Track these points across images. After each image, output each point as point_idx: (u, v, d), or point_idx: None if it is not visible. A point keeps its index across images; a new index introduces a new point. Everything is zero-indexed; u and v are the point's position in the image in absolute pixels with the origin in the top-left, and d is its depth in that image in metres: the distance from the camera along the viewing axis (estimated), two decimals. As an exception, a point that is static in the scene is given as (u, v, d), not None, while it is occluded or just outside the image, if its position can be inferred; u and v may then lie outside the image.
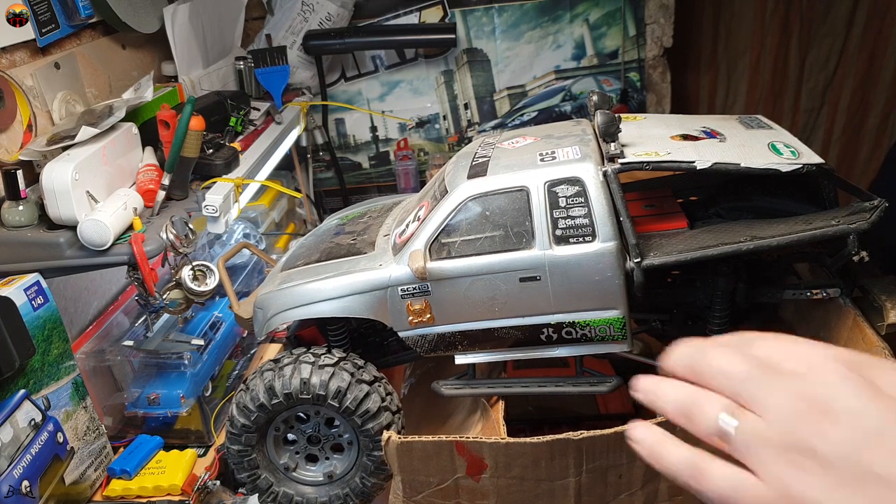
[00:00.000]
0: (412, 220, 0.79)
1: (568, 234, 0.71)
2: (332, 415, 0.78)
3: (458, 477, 0.70)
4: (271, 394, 0.76)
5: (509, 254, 0.72)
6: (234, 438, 0.80)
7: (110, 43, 1.33)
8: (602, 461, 0.67)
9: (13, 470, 0.85)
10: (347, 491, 0.81)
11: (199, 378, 1.10)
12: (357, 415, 0.76)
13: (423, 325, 0.76)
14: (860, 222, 0.69)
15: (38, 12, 1.10)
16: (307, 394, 0.75)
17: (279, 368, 0.77)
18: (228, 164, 1.24)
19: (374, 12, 1.76)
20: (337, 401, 0.75)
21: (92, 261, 0.99)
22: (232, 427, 0.79)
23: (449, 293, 0.75)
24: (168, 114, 1.11)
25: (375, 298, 0.77)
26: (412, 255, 0.74)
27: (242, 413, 0.78)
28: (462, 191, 0.74)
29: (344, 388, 0.75)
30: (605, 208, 0.70)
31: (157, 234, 1.01)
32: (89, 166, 0.99)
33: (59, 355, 0.96)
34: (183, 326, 1.17)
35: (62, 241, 0.98)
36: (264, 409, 0.77)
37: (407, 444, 0.69)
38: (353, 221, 0.93)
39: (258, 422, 0.78)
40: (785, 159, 0.72)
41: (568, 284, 0.72)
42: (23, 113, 1.07)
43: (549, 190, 0.71)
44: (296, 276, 0.83)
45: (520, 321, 0.75)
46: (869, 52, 1.88)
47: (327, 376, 0.75)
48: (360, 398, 0.76)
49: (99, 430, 1.04)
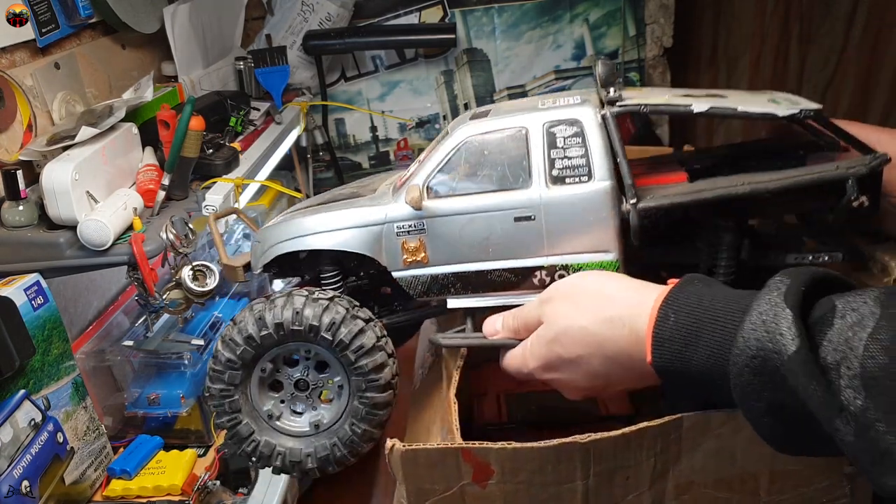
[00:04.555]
0: (413, 165, 0.80)
1: (564, 174, 0.72)
2: (324, 354, 0.75)
3: (464, 484, 0.69)
4: (261, 325, 0.72)
5: (506, 193, 0.73)
6: (217, 376, 0.75)
7: (110, 43, 1.33)
8: (609, 463, 0.67)
9: (13, 470, 0.85)
10: (335, 440, 0.76)
11: (199, 378, 1.10)
12: (351, 349, 0.72)
13: (417, 264, 0.76)
14: (859, 166, 0.68)
15: (38, 12, 1.10)
16: (299, 325, 0.72)
17: (270, 302, 0.74)
18: (228, 164, 1.24)
19: (374, 12, 1.76)
20: (330, 333, 0.72)
21: (92, 261, 0.99)
22: (215, 363, 0.74)
23: (444, 232, 0.75)
24: (168, 114, 1.11)
25: (372, 234, 0.76)
26: (409, 188, 0.74)
27: (228, 347, 0.73)
28: (463, 131, 0.75)
29: (338, 321, 0.72)
30: (602, 149, 0.71)
31: (157, 234, 1.01)
32: (89, 166, 0.99)
33: (58, 355, 0.96)
34: (183, 326, 1.17)
35: (62, 241, 0.98)
36: (252, 342, 0.73)
37: (412, 452, 0.68)
38: (354, 185, 0.92)
39: (244, 357, 0.74)
40: (783, 107, 0.71)
41: (562, 225, 0.72)
42: (23, 113, 1.07)
43: (548, 131, 0.72)
44: (297, 215, 0.82)
45: (513, 263, 0.74)
46: (869, 52, 1.88)
47: (321, 309, 0.72)
48: (354, 332, 0.72)
49: (99, 430, 1.04)
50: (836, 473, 0.69)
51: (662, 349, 0.56)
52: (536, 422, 1.00)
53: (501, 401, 1.03)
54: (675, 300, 0.57)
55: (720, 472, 0.68)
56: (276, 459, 0.76)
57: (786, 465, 0.67)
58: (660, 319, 0.56)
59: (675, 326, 0.55)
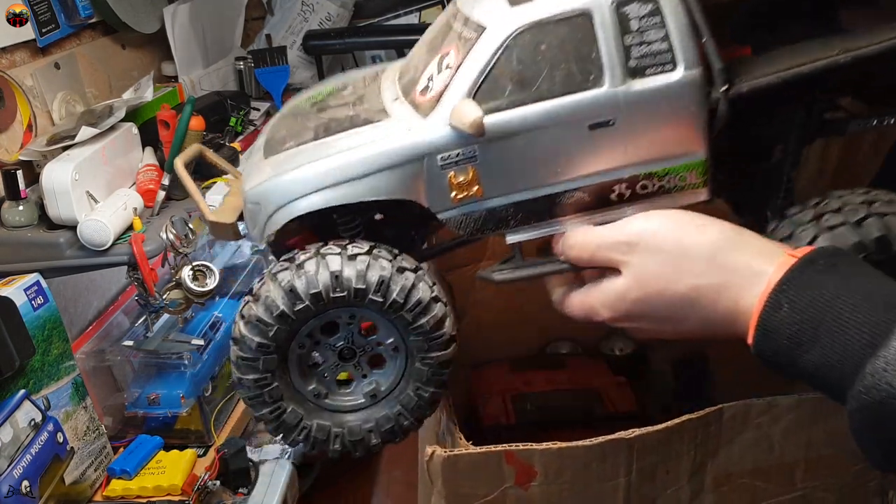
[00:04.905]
0: (437, 71, 0.63)
1: (644, 63, 0.58)
2: (372, 317, 0.63)
3: (506, 487, 0.67)
4: (293, 297, 0.59)
5: (575, 96, 0.58)
6: (248, 365, 0.61)
7: (110, 43, 1.33)
8: (651, 458, 0.66)
9: (13, 470, 0.85)
10: (398, 409, 0.65)
11: (199, 378, 1.10)
12: (407, 309, 0.61)
13: (468, 200, 0.62)
14: None
15: (38, 12, 1.10)
16: (341, 290, 0.59)
17: (297, 266, 0.60)
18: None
19: (374, 12, 1.76)
20: (381, 294, 0.59)
21: (92, 261, 0.99)
22: (243, 351, 0.61)
23: (501, 157, 0.60)
24: (168, 114, 1.11)
25: (408, 173, 0.60)
26: (458, 108, 0.58)
27: (256, 330, 0.60)
28: (506, 23, 0.59)
29: (387, 278, 0.60)
30: (685, 28, 0.58)
31: (157, 235, 1.01)
32: (89, 166, 0.99)
33: (58, 355, 0.96)
34: (183, 326, 1.16)
35: (62, 241, 0.98)
36: (285, 319, 0.60)
37: (453, 458, 0.64)
38: (334, 96, 0.74)
39: (278, 338, 0.61)
40: None
41: (644, 126, 0.59)
42: (23, 113, 1.07)
43: (618, 11, 0.58)
44: (293, 159, 0.63)
45: (588, 181, 0.61)
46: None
47: (364, 266, 0.59)
48: (407, 288, 0.60)
49: (99, 430, 1.04)
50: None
51: (767, 340, 0.49)
52: (542, 421, 1.00)
53: (507, 401, 1.03)
54: (792, 286, 0.48)
55: (758, 462, 0.67)
56: (335, 442, 0.66)
57: (820, 452, 0.67)
58: (769, 306, 0.48)
59: (787, 319, 0.47)
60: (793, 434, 0.65)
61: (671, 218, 0.57)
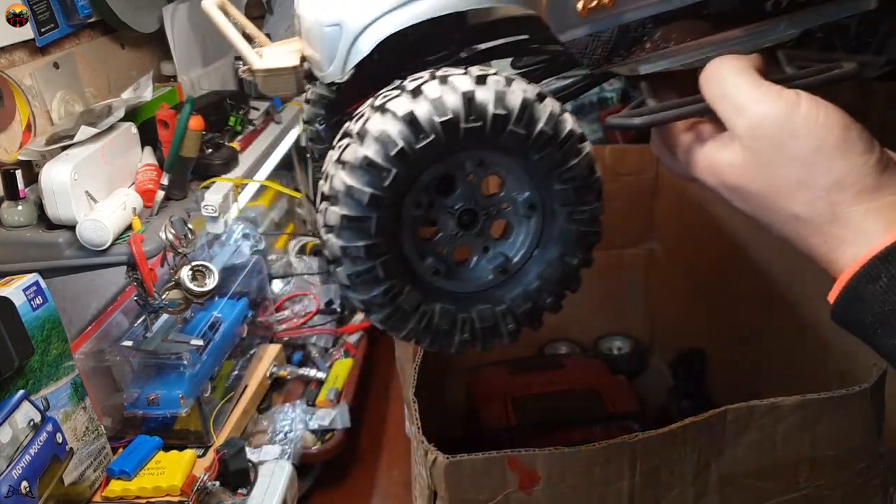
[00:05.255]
0: None
1: None
2: (502, 163, 0.50)
3: (509, 492, 0.66)
4: (415, 129, 0.45)
5: None
6: (357, 227, 0.46)
7: (109, 42, 1.32)
8: (655, 461, 0.66)
9: (12, 470, 0.85)
10: (538, 284, 0.52)
11: (198, 378, 1.10)
12: (557, 144, 0.47)
13: (598, 12, 0.49)
14: None
15: (37, 12, 1.09)
16: (476, 119, 0.45)
17: (412, 92, 0.46)
18: (227, 164, 1.24)
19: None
20: (524, 124, 0.46)
21: (91, 261, 0.98)
22: (347, 207, 0.46)
23: None
24: (167, 113, 1.11)
25: None
26: None
27: (365, 176, 0.45)
28: None
29: (531, 102, 0.46)
30: None
31: (157, 234, 1.01)
32: (88, 166, 0.99)
33: (58, 356, 0.96)
34: (182, 327, 1.16)
35: (61, 241, 0.98)
36: (405, 159, 0.45)
37: (456, 463, 0.64)
38: None
39: (395, 188, 0.46)
40: None
41: None
42: (22, 113, 1.07)
43: None
44: None
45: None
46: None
47: (501, 87, 0.46)
48: (555, 115, 0.47)
49: (98, 431, 1.03)
50: (872, 456, 0.68)
51: (851, 307, 0.44)
52: (544, 423, 1.00)
53: (508, 404, 1.03)
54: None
55: (761, 463, 0.68)
56: (463, 331, 0.53)
57: (825, 451, 0.67)
58: (865, 274, 0.42)
59: (880, 295, 0.42)
60: (796, 434, 0.65)
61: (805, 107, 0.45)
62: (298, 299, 1.53)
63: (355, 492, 1.23)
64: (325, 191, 0.49)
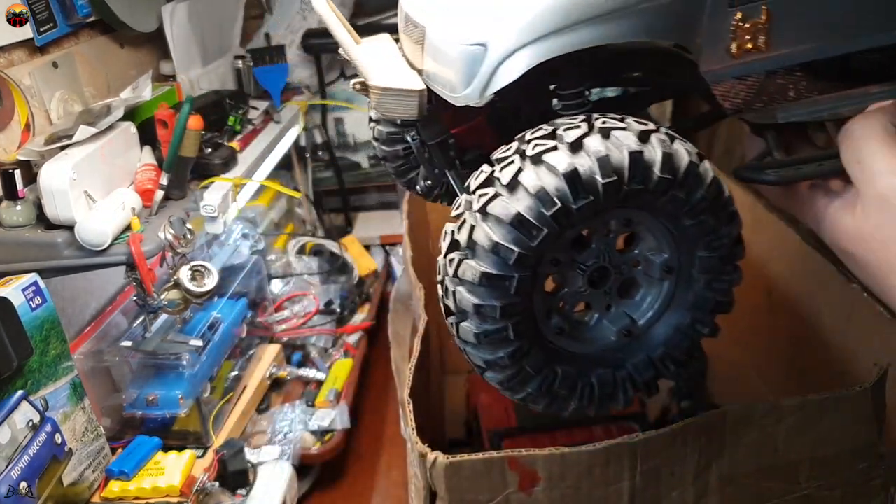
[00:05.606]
0: None
1: None
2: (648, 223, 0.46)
3: (510, 492, 0.67)
4: (576, 188, 0.41)
5: None
6: (496, 285, 0.43)
7: (108, 42, 1.32)
8: (655, 461, 0.66)
9: (11, 471, 0.85)
10: (662, 351, 0.50)
11: (197, 379, 1.10)
12: (715, 210, 0.44)
13: (751, 54, 0.46)
14: None
15: (36, 11, 1.09)
16: (640, 180, 0.42)
17: (570, 145, 0.42)
18: (227, 164, 1.23)
19: (373, 10, 1.75)
20: (685, 188, 0.43)
21: (90, 261, 0.98)
22: (492, 265, 0.42)
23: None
24: (166, 113, 1.10)
25: (686, 6, 0.45)
26: None
27: (515, 233, 0.42)
28: None
29: (696, 164, 0.43)
30: None
31: (156, 234, 1.01)
32: (87, 166, 0.99)
33: (56, 356, 0.96)
34: (181, 327, 1.16)
35: (60, 241, 0.97)
36: (559, 219, 0.42)
37: (456, 464, 0.63)
38: None
39: (543, 247, 0.43)
40: None
41: None
42: (21, 112, 1.07)
43: None
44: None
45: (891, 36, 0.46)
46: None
47: (668, 147, 0.43)
48: (709, 179, 0.44)
49: (97, 431, 1.03)
50: (873, 456, 0.68)
51: None
52: (544, 423, 1.00)
53: (508, 404, 1.03)
54: None
55: (762, 463, 0.67)
56: (581, 397, 0.51)
57: (825, 451, 0.67)
58: None
59: None
60: (796, 434, 0.65)
61: None
62: (298, 299, 1.52)
63: (354, 492, 1.23)
64: (459, 239, 0.44)
